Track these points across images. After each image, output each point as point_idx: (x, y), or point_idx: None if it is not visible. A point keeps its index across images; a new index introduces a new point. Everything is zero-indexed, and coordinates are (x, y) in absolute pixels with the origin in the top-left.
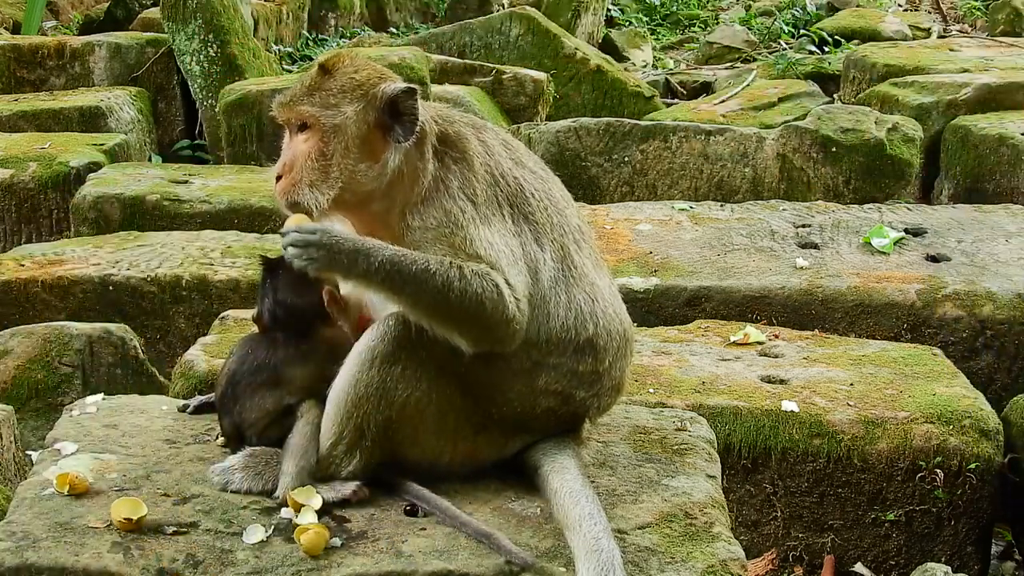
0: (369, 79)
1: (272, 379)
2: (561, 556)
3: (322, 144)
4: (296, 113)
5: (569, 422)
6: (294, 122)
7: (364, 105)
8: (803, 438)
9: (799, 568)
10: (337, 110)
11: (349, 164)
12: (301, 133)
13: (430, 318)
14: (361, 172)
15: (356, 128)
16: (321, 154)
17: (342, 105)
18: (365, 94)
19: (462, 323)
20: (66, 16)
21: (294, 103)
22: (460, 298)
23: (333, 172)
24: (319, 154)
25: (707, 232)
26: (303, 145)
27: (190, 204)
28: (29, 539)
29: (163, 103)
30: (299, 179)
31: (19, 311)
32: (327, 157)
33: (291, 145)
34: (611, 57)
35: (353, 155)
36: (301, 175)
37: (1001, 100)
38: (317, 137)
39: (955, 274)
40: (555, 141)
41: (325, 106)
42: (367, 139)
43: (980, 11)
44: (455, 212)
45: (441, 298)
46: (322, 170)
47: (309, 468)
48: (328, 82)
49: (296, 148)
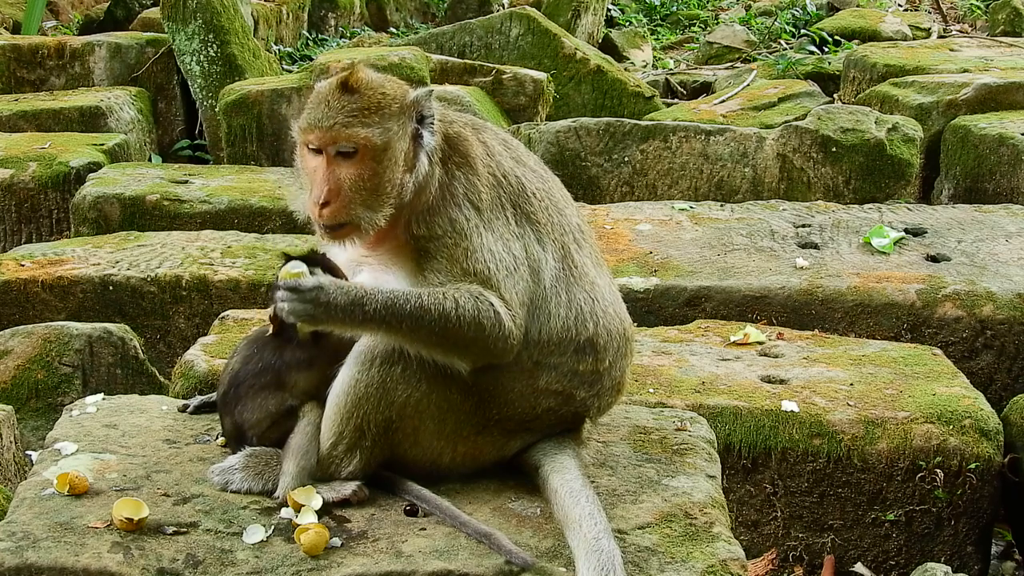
0: (396, 91)
1: (276, 381)
2: (561, 556)
3: (374, 165)
4: (345, 137)
5: (569, 422)
6: (338, 146)
7: (403, 118)
8: (803, 438)
9: (799, 568)
10: (382, 127)
11: (398, 179)
12: (345, 157)
13: (430, 351)
14: (406, 185)
15: (400, 143)
16: (373, 174)
17: (385, 123)
18: (401, 107)
19: (461, 349)
20: (66, 16)
21: (339, 127)
22: (457, 329)
23: (386, 189)
24: (372, 175)
25: (707, 232)
26: (351, 170)
27: (190, 204)
28: (29, 539)
29: (163, 103)
30: (352, 202)
31: (19, 311)
32: (379, 177)
33: (331, 169)
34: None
35: (401, 169)
36: (353, 198)
37: (1001, 100)
38: (369, 158)
39: (955, 274)
40: (555, 141)
41: (371, 126)
42: (407, 151)
43: (980, 11)
44: (460, 221)
45: (439, 332)
46: (374, 190)
47: (309, 468)
48: (360, 100)
49: (342, 173)
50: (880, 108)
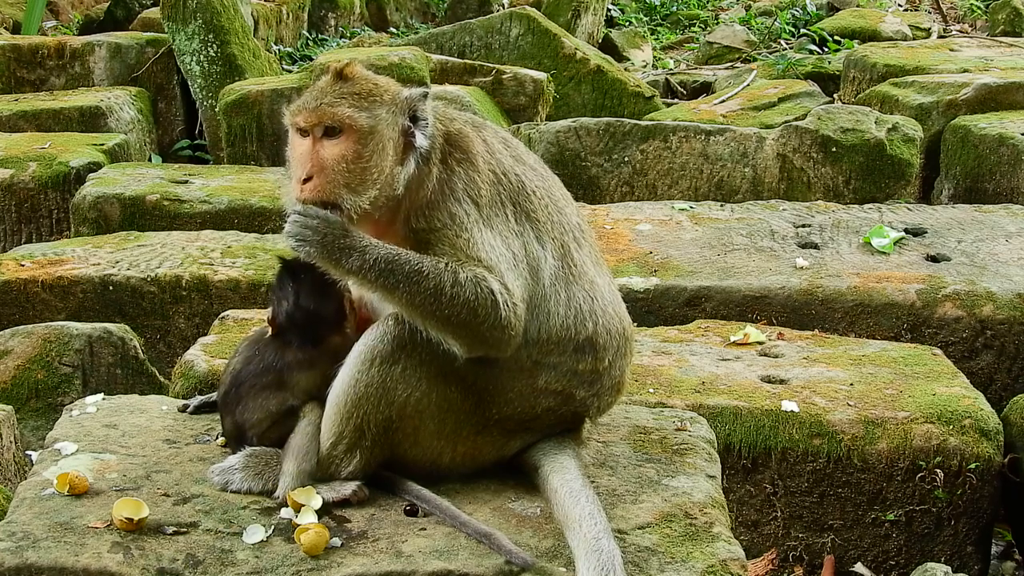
0: (389, 85)
1: (277, 382)
2: (561, 556)
3: (358, 146)
4: (329, 116)
5: (569, 422)
6: (323, 126)
7: (393, 109)
8: (803, 438)
9: (799, 568)
10: (370, 112)
11: (385, 167)
12: (330, 137)
13: (424, 320)
14: (396, 177)
15: (388, 131)
16: (357, 156)
17: (373, 109)
18: (392, 99)
19: (456, 327)
20: (66, 16)
21: (325, 106)
22: (452, 302)
23: (371, 174)
24: (355, 156)
25: (707, 232)
26: (335, 148)
27: (190, 204)
28: (29, 539)
29: (163, 103)
30: (334, 180)
31: (19, 311)
32: (363, 159)
33: (316, 149)
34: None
35: (389, 158)
36: (336, 176)
37: (1001, 100)
38: (353, 139)
39: (955, 274)
40: (555, 141)
41: (358, 109)
42: (396, 143)
43: (980, 11)
44: (460, 215)
45: (434, 301)
46: (358, 172)
47: (309, 468)
48: (351, 87)
49: (326, 151)
50: (880, 108)
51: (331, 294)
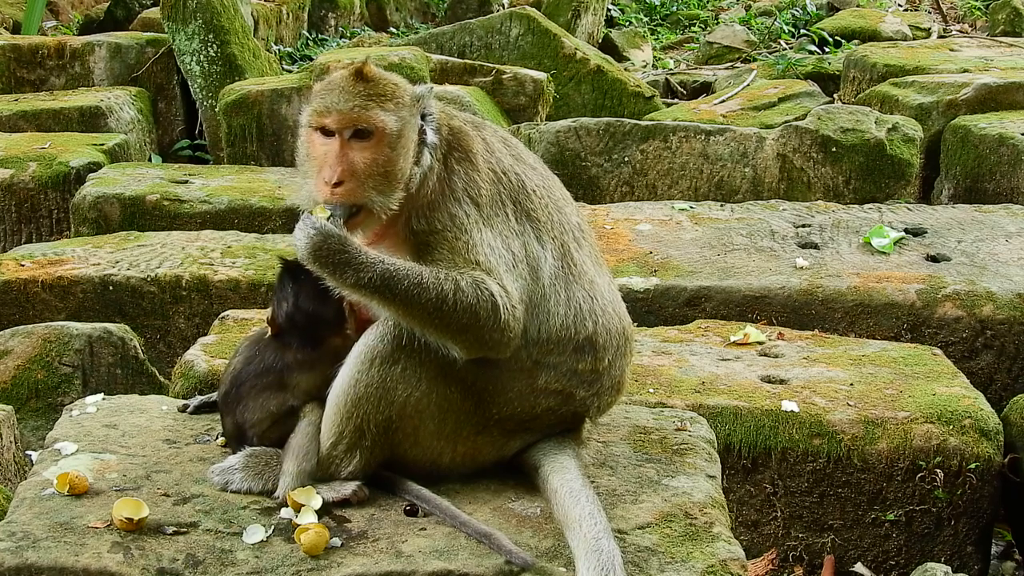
0: (404, 84)
1: (277, 382)
2: (561, 556)
3: (388, 148)
4: (364, 119)
5: (569, 422)
6: (354, 128)
7: (412, 109)
8: (803, 438)
9: (799, 568)
10: (397, 115)
11: (407, 168)
12: (360, 140)
13: (424, 328)
14: (413, 176)
15: (411, 133)
16: (388, 160)
17: (399, 111)
18: (412, 99)
19: (456, 332)
20: (66, 16)
21: (360, 109)
22: (454, 308)
23: (397, 176)
24: (386, 160)
25: (707, 232)
26: (365, 152)
27: (190, 204)
28: (29, 539)
29: (163, 103)
30: (364, 183)
31: (19, 311)
32: (392, 163)
33: (345, 151)
34: (611, 57)
35: (411, 158)
36: (366, 181)
37: (1001, 100)
38: (384, 142)
39: (955, 274)
40: (555, 141)
41: (388, 112)
42: (415, 142)
43: (980, 11)
44: (460, 216)
45: (435, 310)
46: (387, 176)
47: (309, 468)
48: (375, 88)
49: (356, 155)
50: (880, 108)
51: (331, 295)
